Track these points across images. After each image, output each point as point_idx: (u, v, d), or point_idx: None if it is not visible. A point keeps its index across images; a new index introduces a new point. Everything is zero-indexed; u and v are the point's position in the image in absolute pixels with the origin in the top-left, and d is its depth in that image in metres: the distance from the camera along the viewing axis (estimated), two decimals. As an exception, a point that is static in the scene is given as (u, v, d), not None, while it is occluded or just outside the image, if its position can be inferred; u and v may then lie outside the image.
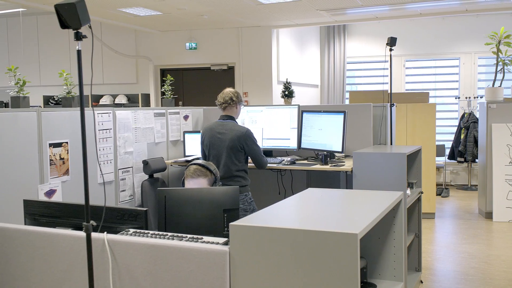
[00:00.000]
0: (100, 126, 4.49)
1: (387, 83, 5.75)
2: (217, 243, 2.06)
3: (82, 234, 2.13)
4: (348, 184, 4.65)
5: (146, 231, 2.24)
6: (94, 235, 2.14)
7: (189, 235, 2.18)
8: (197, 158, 5.13)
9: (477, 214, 7.37)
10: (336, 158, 4.97)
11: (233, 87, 7.43)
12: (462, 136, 9.02)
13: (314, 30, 10.54)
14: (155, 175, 5.14)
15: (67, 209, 2.48)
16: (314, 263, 1.83)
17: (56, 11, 2.09)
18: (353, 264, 1.78)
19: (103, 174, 4.54)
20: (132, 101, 9.83)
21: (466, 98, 9.53)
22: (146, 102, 9.68)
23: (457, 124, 9.42)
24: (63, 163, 4.04)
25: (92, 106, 8.50)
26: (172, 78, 6.15)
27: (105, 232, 2.16)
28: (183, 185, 3.25)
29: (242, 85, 9.10)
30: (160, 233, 2.21)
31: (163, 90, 6.11)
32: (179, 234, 2.19)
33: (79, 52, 2.10)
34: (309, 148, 5.17)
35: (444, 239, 6.24)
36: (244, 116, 5.53)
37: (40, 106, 9.57)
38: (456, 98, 9.82)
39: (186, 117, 5.86)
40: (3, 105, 9.22)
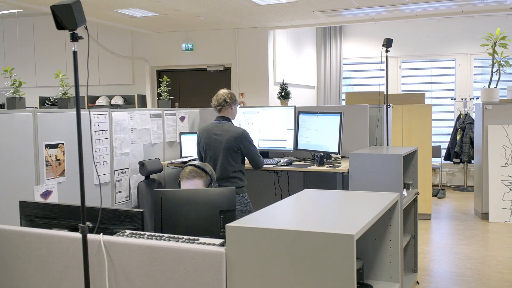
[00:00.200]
0: (96, 127, 4.49)
1: (383, 84, 5.76)
2: (214, 244, 2.06)
3: (78, 236, 2.12)
4: (345, 185, 4.66)
5: (142, 233, 2.24)
6: (90, 237, 2.14)
7: (186, 237, 2.17)
8: (194, 159, 5.13)
9: (473, 215, 7.39)
10: (333, 159, 4.98)
11: (230, 88, 7.42)
12: (458, 137, 9.04)
13: (311, 31, 10.55)
14: (152, 176, 5.13)
15: (63, 211, 2.48)
16: (311, 264, 1.83)
17: (52, 12, 2.09)
18: (350, 265, 1.78)
19: (99, 175, 4.53)
20: (128, 102, 9.81)
21: (462, 99, 9.55)
22: (143, 103, 9.67)
23: (453, 125, 9.44)
24: (59, 164, 4.03)
25: (88, 107, 8.49)
26: (169, 79, 6.15)
27: (101, 234, 2.16)
28: (179, 187, 3.25)
29: (239, 86, 9.11)
30: (157, 235, 2.20)
31: (160, 91, 6.11)
32: (176, 236, 2.19)
33: (75, 53, 2.10)
34: (306, 149, 5.17)
35: (440, 240, 6.25)
36: (241, 117, 5.53)
37: (36, 107, 9.54)
38: (452, 99, 9.84)
39: (183, 118, 5.85)
40: (-1, 106, 9.19)
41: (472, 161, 8.81)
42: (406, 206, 4.30)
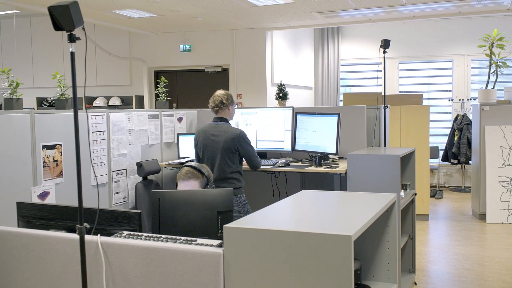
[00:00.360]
0: (94, 128, 4.48)
1: (381, 85, 5.76)
2: (211, 245, 2.06)
3: (76, 237, 2.12)
4: (342, 186, 4.66)
5: (140, 234, 2.24)
6: (88, 238, 2.13)
7: (183, 237, 2.17)
8: (191, 160, 5.13)
9: (471, 216, 7.40)
10: (330, 160, 4.98)
11: (227, 89, 7.43)
12: (456, 138, 9.06)
13: (308, 32, 10.56)
14: (149, 177, 5.13)
15: (61, 212, 2.48)
16: (308, 265, 1.83)
17: (50, 13, 2.09)
18: (347, 266, 1.78)
19: (97, 176, 4.53)
20: (126, 103, 9.80)
21: (460, 100, 9.57)
22: (140, 104, 9.66)
23: (451, 126, 9.45)
24: (57, 165, 4.02)
25: (86, 108, 8.48)
26: (166, 80, 6.14)
27: (99, 235, 2.16)
28: (177, 188, 3.25)
29: (236, 87, 9.11)
30: (154, 236, 2.20)
31: (157, 92, 6.10)
32: (173, 237, 2.19)
33: (73, 54, 2.10)
34: (303, 150, 5.17)
35: (438, 241, 6.25)
36: (238, 118, 5.53)
37: (34, 108, 9.52)
38: (450, 100, 9.86)
39: (180, 119, 5.85)
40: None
41: (470, 162, 8.83)
42: (404, 207, 4.30)
